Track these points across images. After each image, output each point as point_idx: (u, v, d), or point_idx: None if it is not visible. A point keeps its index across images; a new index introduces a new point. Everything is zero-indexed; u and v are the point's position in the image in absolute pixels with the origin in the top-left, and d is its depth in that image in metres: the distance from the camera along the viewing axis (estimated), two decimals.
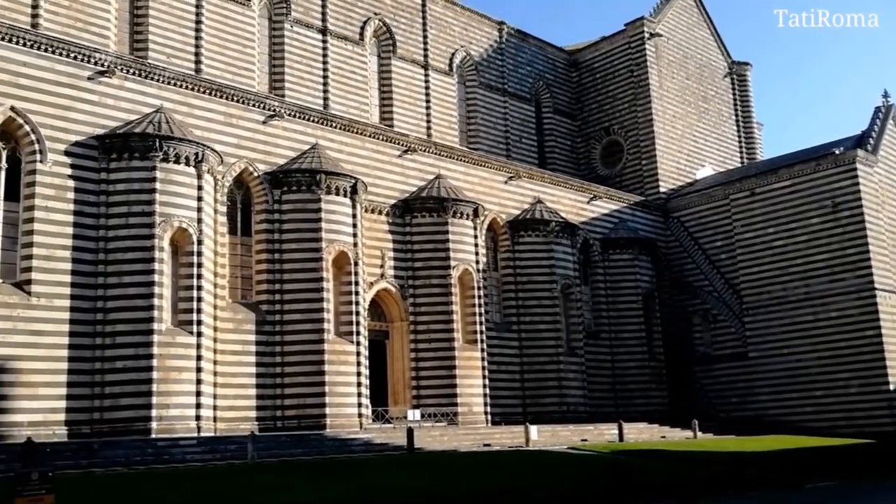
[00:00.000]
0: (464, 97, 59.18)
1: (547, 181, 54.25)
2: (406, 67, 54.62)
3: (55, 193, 33.36)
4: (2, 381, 30.79)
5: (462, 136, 57.94)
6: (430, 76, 55.99)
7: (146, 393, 32.92)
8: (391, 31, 54.01)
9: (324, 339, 38.61)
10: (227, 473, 26.52)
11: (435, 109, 55.87)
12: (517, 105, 62.74)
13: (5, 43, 32.84)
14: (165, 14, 42.37)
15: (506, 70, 62.30)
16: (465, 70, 59.55)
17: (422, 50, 55.95)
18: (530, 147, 63.07)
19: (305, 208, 39.86)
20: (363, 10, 52.42)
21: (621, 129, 65.52)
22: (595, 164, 66.96)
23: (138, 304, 33.59)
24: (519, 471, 29.08)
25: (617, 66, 66.47)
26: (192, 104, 38.10)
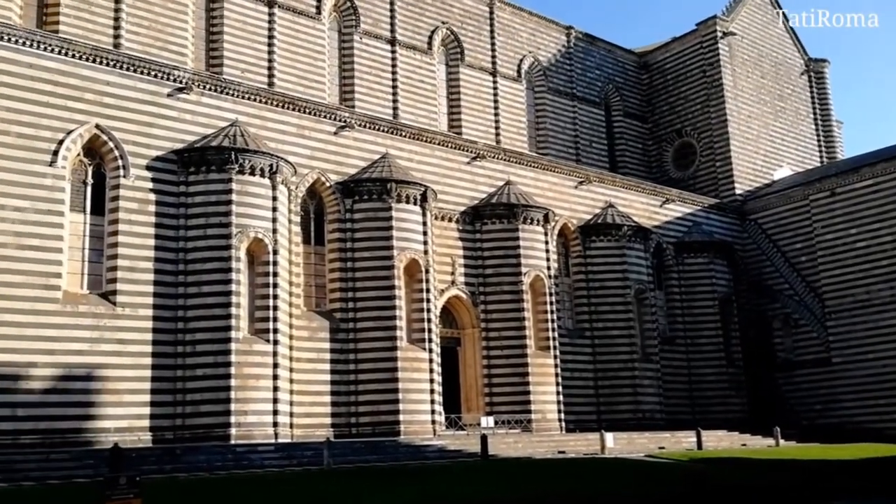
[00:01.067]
0: (532, 103, 58.99)
1: (618, 185, 53.61)
2: (474, 75, 54.77)
3: (138, 207, 34.52)
4: (90, 388, 31.98)
5: (531, 141, 57.74)
6: (498, 83, 56.00)
7: (225, 400, 33.71)
8: (459, 39, 54.25)
9: (396, 346, 38.91)
10: (304, 479, 26.92)
11: (503, 116, 55.84)
12: (586, 109, 62.20)
13: (90, 63, 34.20)
14: (239, 30, 43.48)
15: (574, 74, 61.86)
16: (533, 76, 59.36)
17: (490, 57, 56.02)
18: (600, 151, 62.43)
19: (376, 217, 40.31)
20: (431, 19, 52.80)
21: (694, 130, 64.29)
22: (667, 167, 65.85)
23: (217, 312, 34.45)
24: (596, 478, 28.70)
25: (689, 66, 65.31)
26: (265, 117, 38.99)
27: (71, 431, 31.25)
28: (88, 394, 31.92)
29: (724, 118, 62.14)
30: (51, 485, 25.20)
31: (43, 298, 31.56)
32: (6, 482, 25.56)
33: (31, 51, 32.93)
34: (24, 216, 31.67)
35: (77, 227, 33.66)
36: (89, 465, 27.88)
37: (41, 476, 26.53)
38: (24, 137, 32.16)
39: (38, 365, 30.97)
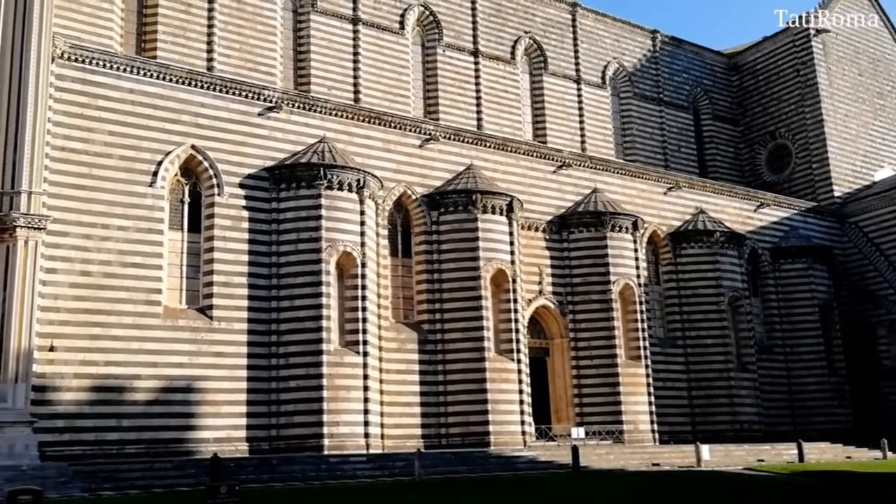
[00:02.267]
0: (618, 109, 58.21)
1: (709, 190, 52.32)
2: (558, 83, 54.46)
3: (231, 224, 35.62)
4: (190, 399, 33.09)
5: (617, 148, 56.96)
6: (582, 90, 55.53)
7: (317, 411, 34.33)
8: (542, 48, 54.06)
9: (485, 357, 38.89)
10: (396, 490, 27.11)
11: (588, 123, 55.29)
12: (674, 114, 60.99)
13: (186, 86, 35.56)
14: (325, 48, 44.44)
15: (661, 79, 60.78)
16: (618, 82, 58.61)
17: (573, 64, 55.61)
18: (689, 156, 61.07)
19: (462, 228, 40.45)
20: (513, 29, 52.81)
21: (788, 132, 62.22)
22: (761, 171, 63.86)
23: (308, 325, 35.17)
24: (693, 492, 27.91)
25: (781, 66, 63.30)
26: (352, 132, 39.70)
27: (173, 441, 32.37)
28: (188, 405, 33.03)
29: (819, 118, 59.94)
30: (155, 493, 26.13)
31: (145, 314, 32.88)
32: (113, 490, 26.66)
33: (131, 76, 34.46)
34: (127, 235, 33.08)
35: (175, 244, 34.97)
36: (191, 474, 28.81)
37: (146, 485, 27.55)
38: (126, 160, 33.65)
39: (141, 377, 32.25)
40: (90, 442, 30.92)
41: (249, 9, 40.78)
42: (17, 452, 27.78)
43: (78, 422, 30.90)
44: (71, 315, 31.44)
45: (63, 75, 32.97)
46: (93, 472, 28.04)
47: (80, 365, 31.23)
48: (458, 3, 50.28)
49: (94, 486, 26.90)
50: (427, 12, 48.05)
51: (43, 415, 29.64)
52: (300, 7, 43.51)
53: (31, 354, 29.13)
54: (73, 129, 32.82)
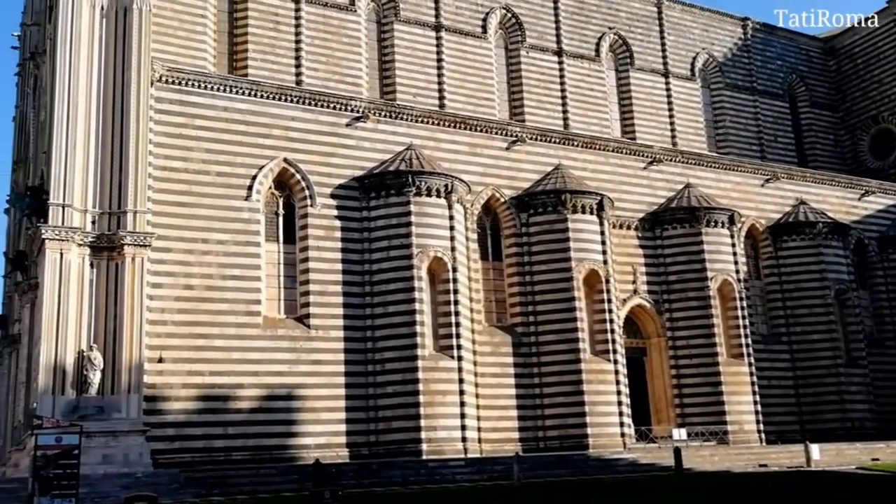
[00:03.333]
0: (709, 101, 56.67)
1: (809, 180, 50.38)
2: (645, 78, 53.43)
3: (325, 233, 36.36)
4: (291, 407, 33.89)
5: (710, 141, 55.43)
6: (671, 83, 54.30)
7: (415, 416, 34.62)
8: (627, 43, 53.17)
9: (580, 358, 38.45)
10: (496, 493, 27.07)
11: (679, 117, 54.02)
12: (769, 103, 58.96)
13: (276, 101, 36.56)
14: (409, 57, 44.88)
15: (753, 68, 58.88)
16: (708, 73, 57.08)
17: (660, 58, 54.45)
18: (787, 145, 58.92)
19: (553, 229, 40.14)
20: (597, 26, 52.13)
21: (893, 116, 59.31)
22: (863, 157, 61.05)
23: (402, 331, 35.53)
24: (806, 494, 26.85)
25: (882, 48, 60.42)
26: (438, 138, 39.96)
27: (276, 448, 33.20)
28: (290, 412, 33.82)
29: None
30: (262, 498, 26.85)
31: (246, 324, 33.87)
32: (222, 496, 27.56)
33: (225, 95, 35.65)
34: (226, 248, 34.18)
35: (272, 255, 35.91)
36: (294, 479, 29.48)
37: (252, 490, 28.35)
38: (223, 176, 34.80)
39: (244, 386, 33.23)
40: (199, 449, 32.02)
41: (334, 22, 41.58)
42: (132, 460, 29.03)
43: (187, 430, 32.06)
44: (177, 327, 32.67)
45: (162, 97, 34.36)
46: (203, 478, 29.06)
47: (186, 375, 32.41)
48: (541, 4, 49.96)
49: (204, 491, 27.88)
50: (509, 14, 47.94)
51: (154, 424, 30.86)
52: (383, 17, 44.12)
53: (141, 366, 30.42)
54: (172, 148, 34.15)
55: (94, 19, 32.86)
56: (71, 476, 19.12)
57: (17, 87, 51.92)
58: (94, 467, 26.63)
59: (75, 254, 30.30)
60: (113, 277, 30.85)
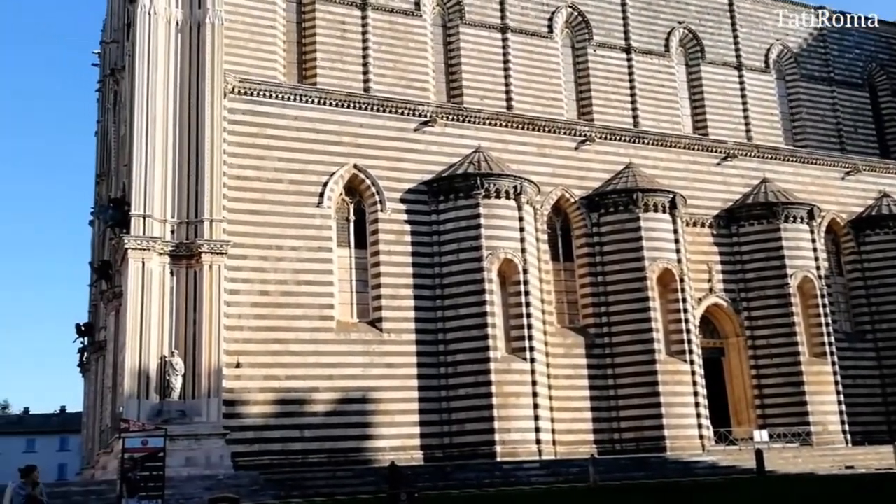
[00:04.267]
0: (784, 93, 55.04)
1: (892, 171, 48.65)
2: (717, 72, 52.21)
3: (395, 238, 36.70)
4: (365, 410, 34.29)
5: (786, 134, 53.80)
6: (744, 76, 52.90)
7: (488, 418, 34.60)
8: (698, 37, 52.06)
9: (655, 359, 37.87)
10: (573, 496, 26.80)
11: (753, 110, 52.57)
12: (847, 93, 56.92)
13: (345, 108, 37.17)
14: (475, 59, 44.82)
15: (830, 57, 56.93)
16: (783, 64, 55.45)
17: (733, 51, 53.13)
18: (868, 137, 56.75)
19: (624, 228, 39.67)
20: (666, 21, 51.20)
21: None
22: None
23: (474, 334, 35.57)
24: None
25: None
26: (506, 140, 39.93)
27: (352, 451, 33.63)
28: (364, 415, 34.21)
29: None
30: (339, 500, 27.15)
31: (320, 328, 34.42)
32: (301, 498, 28.04)
33: (295, 104, 36.39)
34: (299, 254, 34.81)
35: (344, 260, 36.43)
36: (370, 481, 29.80)
37: (329, 492, 28.75)
38: (295, 183, 35.48)
39: (319, 390, 33.76)
40: (277, 452, 32.66)
41: (400, 28, 41.89)
42: (214, 462, 29.79)
43: (265, 433, 32.73)
44: (253, 333, 33.40)
45: (235, 108, 35.24)
46: (281, 480, 29.62)
47: (263, 380, 33.11)
48: (608, 1, 49.36)
49: (283, 493, 28.41)
50: (575, 13, 47.49)
51: (234, 427, 31.60)
52: (449, 21, 44.23)
53: (220, 371, 31.21)
54: (245, 158, 34.98)
55: (169, 35, 33.94)
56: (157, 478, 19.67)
57: (98, 103, 53.98)
58: (177, 469, 27.39)
59: (156, 262, 31.29)
60: (192, 285, 31.77)
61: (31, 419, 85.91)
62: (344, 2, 40.17)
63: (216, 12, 34.61)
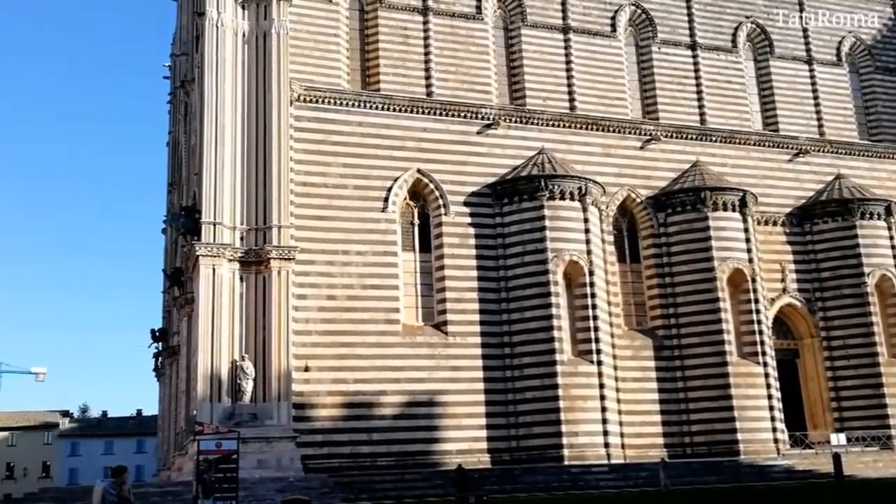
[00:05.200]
0: (858, 87, 53.26)
1: None
2: (786, 66, 50.85)
3: (459, 241, 36.76)
4: (432, 413, 34.41)
5: (861, 129, 52.04)
6: (815, 70, 51.40)
7: (555, 422, 34.35)
8: (766, 31, 50.83)
9: (726, 361, 37.08)
10: (644, 500, 26.42)
11: (825, 105, 51.04)
12: None
13: (408, 113, 37.46)
14: (537, 61, 44.59)
15: None
16: (856, 57, 53.69)
17: (802, 45, 51.69)
18: None
19: (692, 228, 38.98)
20: (732, 16, 50.09)
21: None
22: None
23: (539, 336, 35.37)
24: None
25: None
26: (570, 141, 39.67)
27: (419, 454, 33.76)
28: (431, 418, 34.33)
29: None
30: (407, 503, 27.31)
31: (386, 332, 34.69)
32: (370, 501, 28.28)
33: (359, 110, 36.84)
34: (365, 259, 35.17)
35: (409, 264, 36.65)
36: (437, 485, 29.87)
37: (398, 495, 28.91)
38: (360, 189, 35.88)
39: (386, 393, 34.01)
40: (345, 455, 33.01)
41: (462, 32, 41.96)
42: (284, 465, 30.27)
43: (334, 436, 33.12)
44: (321, 337, 33.85)
45: (300, 116, 35.83)
46: (351, 483, 29.91)
47: (331, 383, 33.51)
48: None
49: (352, 496, 28.68)
50: (639, 11, 46.86)
51: (303, 430, 32.05)
52: (510, 23, 44.13)
53: (289, 375, 31.71)
54: (311, 164, 35.52)
55: (236, 46, 34.71)
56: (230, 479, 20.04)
57: (169, 114, 55.48)
58: (249, 471, 27.90)
59: (226, 268, 31.98)
60: (261, 290, 32.38)
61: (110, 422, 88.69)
62: (406, 8, 40.42)
63: (281, 22, 35.28)
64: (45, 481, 74.38)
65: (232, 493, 20.04)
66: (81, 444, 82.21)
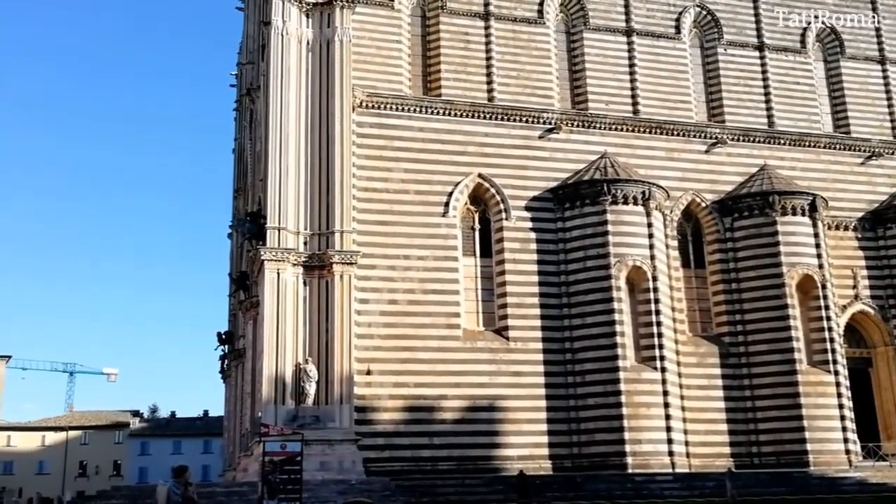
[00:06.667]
0: None
1: None
2: (857, 67, 49.35)
3: (520, 246, 36.64)
4: (493, 418, 34.32)
5: None
6: (888, 70, 49.69)
7: (618, 429, 33.92)
8: (836, 31, 49.44)
9: (796, 369, 36.15)
10: None
11: None
12: None
13: (469, 119, 37.57)
14: (600, 64, 44.20)
15: None
16: None
17: (875, 44, 50.09)
18: None
19: (760, 233, 38.13)
20: (801, 16, 48.86)
21: None
22: None
23: (602, 342, 35.00)
24: None
25: None
26: (633, 145, 39.23)
27: (480, 459, 33.70)
28: (492, 423, 34.24)
29: None
30: None
31: (447, 337, 34.76)
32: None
33: (421, 116, 37.07)
34: (426, 264, 35.31)
35: (469, 269, 36.67)
36: (499, 490, 29.79)
37: (459, 500, 28.96)
38: (421, 194, 36.06)
39: (447, 398, 34.05)
40: (407, 458, 33.14)
41: (524, 37, 41.85)
42: (346, 468, 30.56)
43: (395, 440, 33.30)
44: (382, 341, 34.10)
45: (363, 122, 36.21)
46: (412, 486, 30.04)
47: (393, 387, 33.71)
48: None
49: (413, 500, 28.80)
50: (704, 12, 46.08)
51: (365, 433, 32.32)
52: (572, 27, 43.85)
53: (352, 378, 32.04)
54: (373, 170, 35.86)
55: (300, 54, 35.29)
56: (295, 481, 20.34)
57: (235, 122, 56.66)
58: (312, 473, 28.23)
59: (290, 273, 32.49)
60: (324, 294, 32.80)
61: (178, 422, 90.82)
62: (467, 13, 40.51)
63: (344, 30, 35.74)
64: (116, 480, 76.49)
65: (296, 494, 20.34)
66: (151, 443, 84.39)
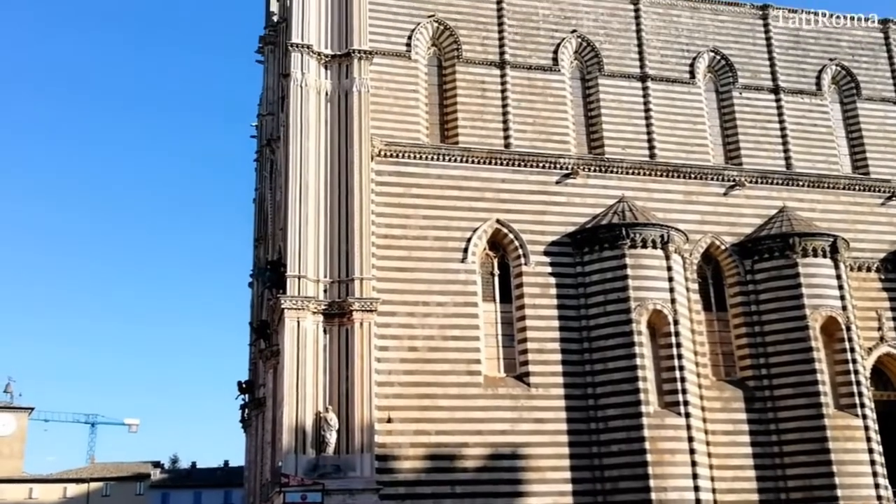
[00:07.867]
0: None
1: None
2: (875, 108, 49.35)
3: (540, 291, 36.58)
4: (516, 465, 33.91)
5: None
6: None
7: (642, 476, 33.39)
8: (851, 73, 49.57)
9: (823, 413, 35.56)
10: None
11: None
12: None
13: (487, 165, 37.89)
14: (615, 109, 44.52)
15: None
16: None
17: (892, 85, 50.11)
18: None
19: (781, 275, 37.86)
20: (816, 59, 49.08)
21: None
22: None
23: (624, 388, 34.65)
24: None
25: None
26: (650, 188, 39.30)
27: None
28: (514, 472, 33.82)
29: None
30: None
31: (467, 384, 34.56)
32: None
33: (439, 163, 37.45)
34: (445, 310, 35.30)
35: (489, 315, 36.60)
36: None
37: None
38: (440, 240, 36.23)
39: (469, 445, 33.73)
40: None
41: (539, 84, 42.32)
42: None
43: (417, 489, 32.92)
44: (403, 388, 33.95)
45: (381, 171, 36.60)
46: None
47: (414, 435, 33.45)
48: (752, 42, 48.00)
49: None
50: (718, 57, 46.45)
51: (386, 482, 32.01)
52: (587, 74, 44.29)
53: (372, 426, 31.86)
54: (392, 217, 36.12)
55: (319, 105, 35.90)
56: None
57: (255, 172, 57.41)
58: None
59: (310, 321, 32.59)
60: (344, 342, 32.83)
61: (198, 473, 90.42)
62: (483, 62, 41.10)
63: (362, 80, 36.35)
64: None
65: None
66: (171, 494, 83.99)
